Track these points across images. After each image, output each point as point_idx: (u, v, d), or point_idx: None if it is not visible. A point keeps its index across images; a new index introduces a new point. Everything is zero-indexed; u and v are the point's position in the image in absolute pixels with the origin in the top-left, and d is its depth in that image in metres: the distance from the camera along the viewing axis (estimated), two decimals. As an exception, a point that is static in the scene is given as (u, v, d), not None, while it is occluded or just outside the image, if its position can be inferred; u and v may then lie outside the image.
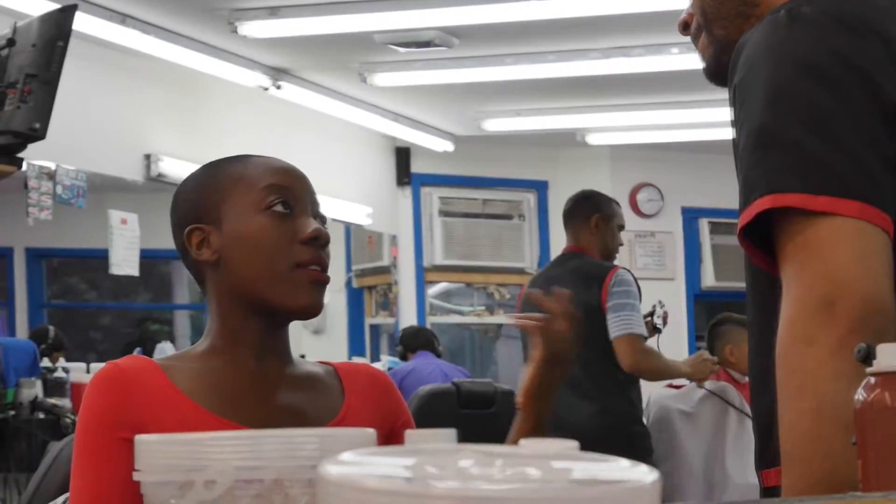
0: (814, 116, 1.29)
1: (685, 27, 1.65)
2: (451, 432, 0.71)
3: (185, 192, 1.70)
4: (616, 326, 4.30)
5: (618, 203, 4.84)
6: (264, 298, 1.60)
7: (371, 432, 0.79)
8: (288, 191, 1.63)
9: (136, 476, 0.78)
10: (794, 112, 1.29)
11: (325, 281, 1.62)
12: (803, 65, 1.31)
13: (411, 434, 0.70)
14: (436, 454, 0.60)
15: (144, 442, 0.79)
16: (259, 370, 1.63)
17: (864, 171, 1.26)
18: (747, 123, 1.33)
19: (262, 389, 1.62)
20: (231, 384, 1.61)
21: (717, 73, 1.57)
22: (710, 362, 4.50)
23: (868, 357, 1.04)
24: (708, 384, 4.58)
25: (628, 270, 4.51)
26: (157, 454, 0.78)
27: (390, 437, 1.69)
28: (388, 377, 1.81)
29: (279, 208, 1.61)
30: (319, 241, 1.61)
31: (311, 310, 1.62)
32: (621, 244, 4.73)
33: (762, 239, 1.32)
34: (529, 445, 0.62)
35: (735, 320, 4.74)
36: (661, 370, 4.40)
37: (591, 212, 4.66)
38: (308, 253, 1.60)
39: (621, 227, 4.68)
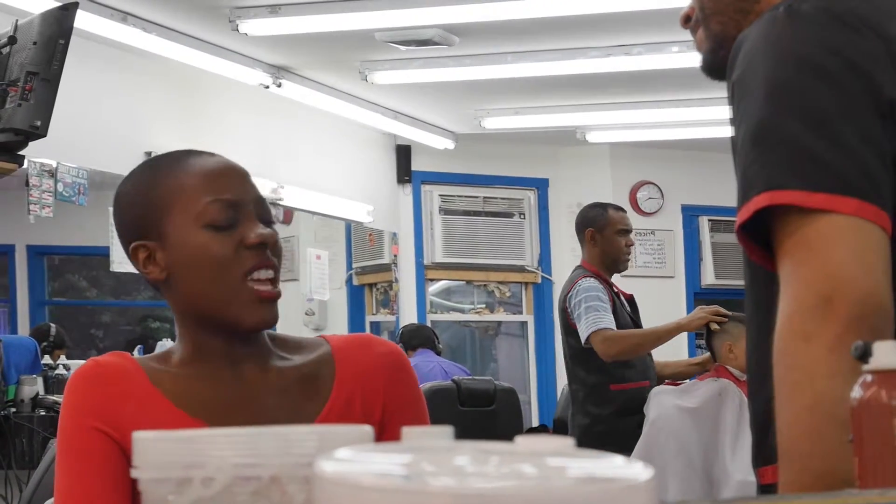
0: (812, 114, 1.29)
1: (686, 20, 1.65)
2: (447, 429, 0.71)
3: (125, 202, 1.67)
4: (583, 332, 4.57)
5: (617, 207, 4.92)
6: (216, 316, 1.59)
7: (368, 430, 0.79)
8: (231, 202, 1.59)
9: (133, 473, 0.79)
10: (793, 109, 1.30)
11: (275, 297, 1.59)
12: (802, 62, 1.31)
13: (408, 431, 0.70)
14: (432, 451, 0.60)
15: (142, 439, 0.79)
16: (235, 377, 1.61)
17: (862, 169, 1.27)
18: (746, 120, 1.33)
19: (240, 394, 1.61)
20: (208, 389, 1.60)
21: (714, 67, 1.57)
22: (706, 311, 4.60)
23: (865, 354, 1.04)
24: (708, 381, 4.58)
25: (595, 277, 4.73)
26: (155, 451, 0.78)
27: (392, 415, 1.66)
28: (400, 354, 1.75)
29: (222, 221, 1.58)
30: (265, 246, 1.58)
31: (262, 326, 1.60)
32: (629, 245, 4.83)
33: (760, 236, 1.32)
34: (525, 443, 0.62)
35: (733, 318, 4.74)
36: (638, 343, 4.60)
37: (584, 227, 4.86)
38: (254, 258, 1.57)
39: (624, 232, 4.76)
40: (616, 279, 4.90)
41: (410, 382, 1.73)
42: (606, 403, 4.66)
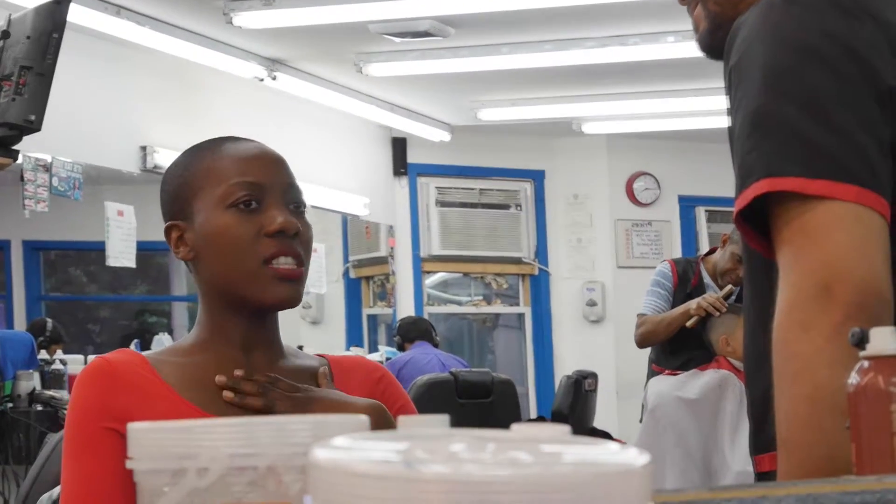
0: (810, 99, 1.28)
1: None
2: (443, 418, 0.71)
3: (165, 183, 1.70)
4: None
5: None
6: (239, 295, 1.60)
7: (364, 419, 0.79)
8: (256, 184, 1.60)
9: (128, 464, 0.78)
10: (791, 95, 1.29)
11: (296, 275, 1.60)
12: (800, 47, 1.30)
13: (404, 419, 0.70)
14: (427, 439, 0.60)
15: (137, 429, 0.79)
16: (246, 365, 1.62)
17: (861, 155, 1.26)
18: (743, 106, 1.32)
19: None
20: (217, 378, 1.61)
21: (712, 46, 1.56)
22: (706, 301, 4.83)
23: (861, 341, 1.04)
24: (709, 371, 4.59)
25: (670, 262, 5.26)
26: (150, 441, 0.78)
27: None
28: (383, 368, 1.80)
29: (245, 204, 1.59)
30: (287, 234, 1.58)
31: (286, 304, 1.61)
32: (729, 269, 5.02)
33: (759, 223, 1.31)
34: (521, 430, 0.62)
35: (728, 308, 4.75)
36: (650, 330, 5.05)
37: (727, 230, 5.31)
38: (275, 246, 1.58)
39: (737, 257, 4.93)
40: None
41: (404, 394, 1.77)
42: (648, 379, 5.05)
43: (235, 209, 1.59)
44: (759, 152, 1.29)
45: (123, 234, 5.75)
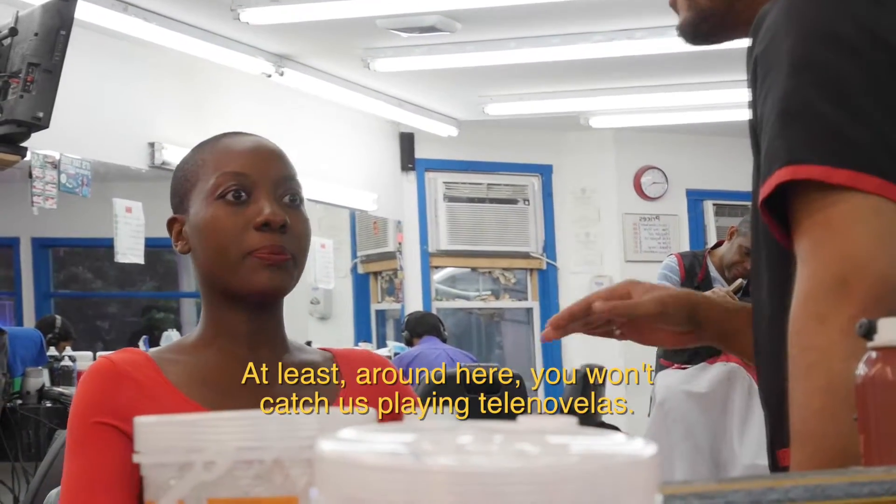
0: (837, 87, 1.27)
1: None
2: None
3: (172, 178, 1.71)
4: None
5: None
6: (227, 286, 1.60)
7: (371, 412, 0.79)
8: (244, 176, 1.60)
9: (135, 457, 0.79)
10: (817, 83, 1.27)
11: (277, 262, 1.58)
12: (826, 35, 1.29)
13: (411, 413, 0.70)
14: (434, 431, 0.60)
15: (143, 423, 0.79)
16: (250, 361, 1.62)
17: (886, 146, 1.25)
18: (770, 94, 1.31)
19: (254, 381, 1.61)
20: (222, 376, 1.60)
21: (693, 35, 1.56)
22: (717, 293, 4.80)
23: (869, 332, 1.03)
24: (717, 365, 4.59)
25: (677, 255, 5.26)
26: (156, 435, 0.78)
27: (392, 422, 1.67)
28: (388, 363, 1.80)
29: (232, 196, 1.59)
30: (272, 226, 1.57)
31: (268, 291, 1.59)
32: (736, 262, 5.04)
33: (781, 212, 1.30)
34: (528, 422, 0.62)
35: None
36: None
37: (735, 223, 5.25)
38: (260, 239, 1.57)
39: (744, 250, 4.94)
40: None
41: (414, 394, 1.76)
42: (656, 373, 5.06)
43: (223, 201, 1.59)
44: (783, 139, 1.27)
45: (132, 230, 5.76)
